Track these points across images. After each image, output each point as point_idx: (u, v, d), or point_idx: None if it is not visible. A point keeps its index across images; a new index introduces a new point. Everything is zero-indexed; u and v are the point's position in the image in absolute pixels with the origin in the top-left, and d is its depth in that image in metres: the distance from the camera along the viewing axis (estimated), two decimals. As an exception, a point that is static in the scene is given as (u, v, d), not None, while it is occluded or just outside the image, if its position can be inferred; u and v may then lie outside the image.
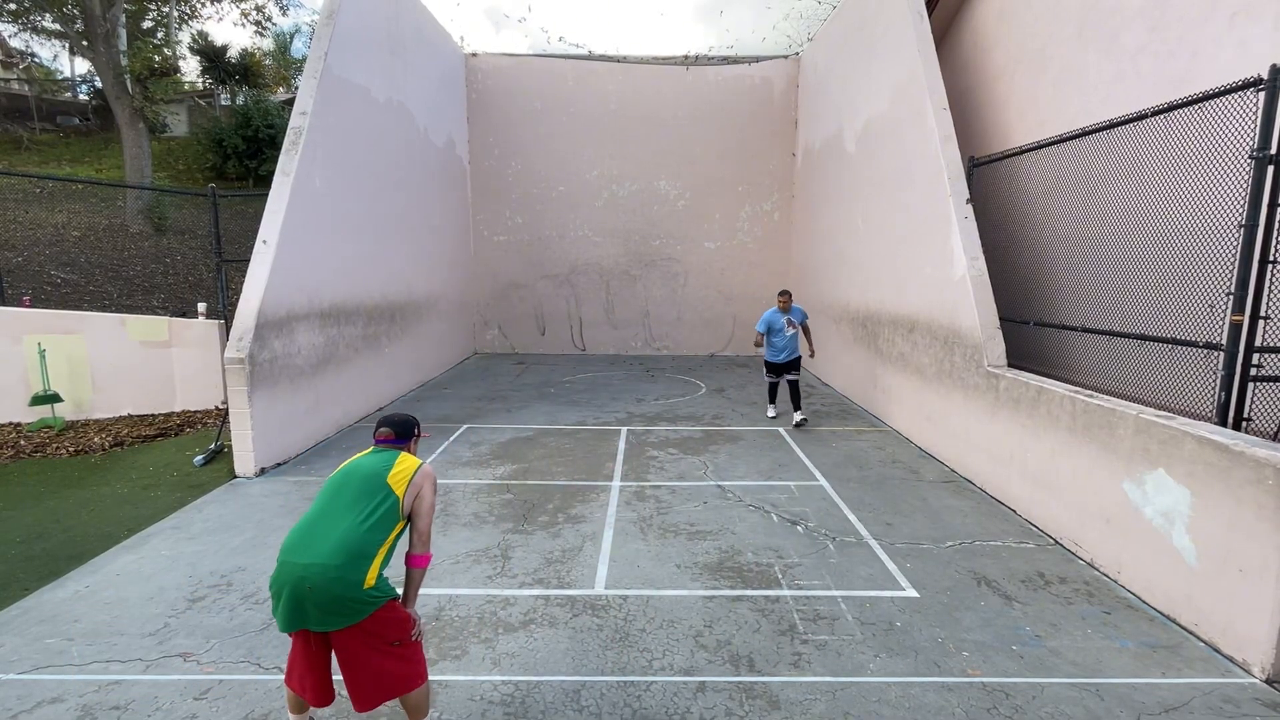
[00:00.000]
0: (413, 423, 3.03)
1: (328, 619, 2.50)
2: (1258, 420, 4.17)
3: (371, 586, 2.56)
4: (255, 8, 20.00)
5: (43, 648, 3.61)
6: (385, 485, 2.69)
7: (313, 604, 2.48)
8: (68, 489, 6.20)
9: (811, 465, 6.87)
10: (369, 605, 2.55)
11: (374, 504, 2.64)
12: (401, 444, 2.95)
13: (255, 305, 6.55)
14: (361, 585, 2.52)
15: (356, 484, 2.70)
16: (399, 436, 2.95)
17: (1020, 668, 3.48)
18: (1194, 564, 3.80)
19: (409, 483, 2.73)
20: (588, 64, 14.17)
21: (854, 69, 10.38)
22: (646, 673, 3.41)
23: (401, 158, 10.30)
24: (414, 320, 10.86)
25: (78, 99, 23.70)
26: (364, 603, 2.54)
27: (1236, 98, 4.19)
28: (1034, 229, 6.70)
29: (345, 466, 2.82)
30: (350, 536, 2.55)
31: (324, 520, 2.61)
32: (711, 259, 14.76)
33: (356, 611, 2.52)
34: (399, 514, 2.70)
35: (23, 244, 12.74)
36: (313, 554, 2.51)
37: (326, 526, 2.59)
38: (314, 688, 2.67)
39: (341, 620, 2.51)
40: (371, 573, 2.57)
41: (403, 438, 2.97)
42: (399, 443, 2.95)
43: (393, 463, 2.78)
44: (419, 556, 2.80)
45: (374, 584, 2.57)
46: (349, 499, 2.66)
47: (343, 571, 2.49)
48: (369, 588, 2.55)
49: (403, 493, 2.71)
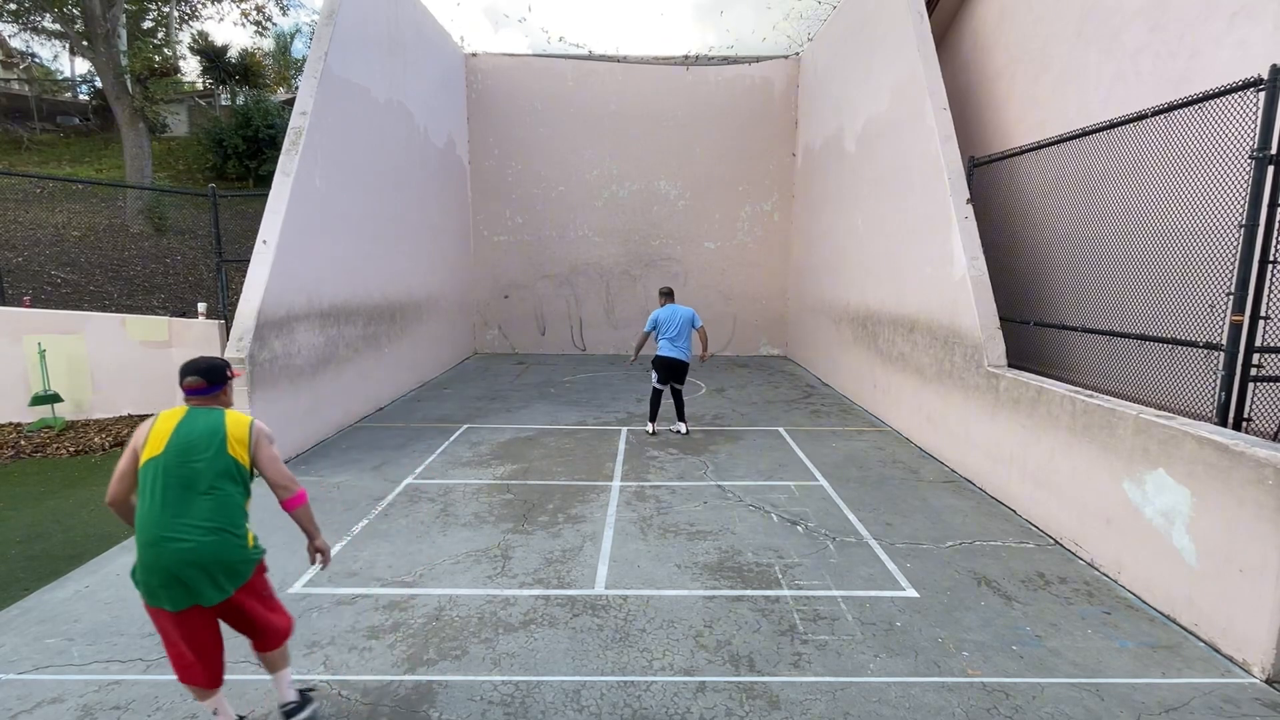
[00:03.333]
0: (222, 365, 2.91)
1: (222, 586, 2.65)
2: (1258, 420, 4.17)
3: (252, 546, 2.79)
4: (255, 8, 20.00)
5: (43, 648, 3.61)
6: (227, 454, 2.71)
7: (205, 576, 2.60)
8: (68, 489, 6.20)
9: (811, 465, 6.87)
10: (251, 564, 2.77)
11: (225, 472, 2.70)
12: (215, 390, 2.87)
13: (255, 305, 6.55)
14: (245, 547, 2.74)
15: (200, 454, 2.67)
16: (211, 384, 2.84)
17: (1020, 668, 3.48)
18: (1194, 564, 3.80)
19: (248, 445, 2.77)
20: (588, 64, 14.17)
21: (854, 69, 10.38)
22: (646, 673, 3.41)
23: (401, 158, 10.30)
24: (414, 320, 10.86)
25: (78, 99, 23.68)
26: (249, 562, 2.76)
27: (1236, 98, 4.19)
28: (1034, 229, 6.70)
29: (173, 436, 2.67)
30: (219, 505, 2.66)
31: (182, 495, 2.62)
32: (711, 259, 14.76)
33: (244, 573, 2.73)
34: (249, 475, 2.80)
35: (23, 244, 12.74)
36: (189, 530, 2.58)
37: (187, 501, 2.62)
38: (211, 665, 2.76)
39: (234, 583, 2.69)
40: (249, 534, 2.78)
41: (215, 384, 2.86)
42: (212, 390, 2.85)
43: (223, 425, 2.74)
44: (291, 500, 2.87)
45: (253, 544, 2.80)
46: (200, 470, 2.65)
47: (224, 537, 2.65)
48: (251, 548, 2.77)
49: (246, 456, 2.77)
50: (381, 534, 5.11)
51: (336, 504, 5.71)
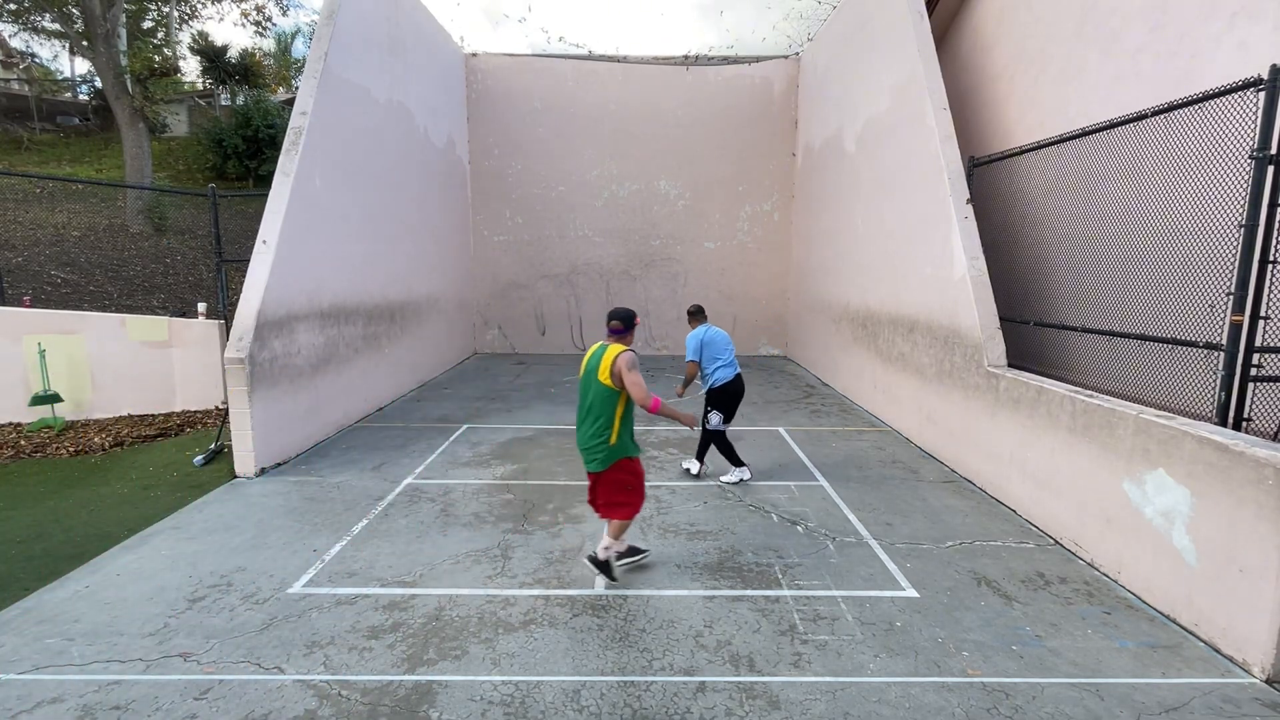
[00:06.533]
0: (631, 314, 4.31)
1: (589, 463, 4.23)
2: (1258, 420, 4.17)
3: (614, 444, 4.09)
4: (255, 8, 20.01)
5: (43, 648, 3.61)
6: (596, 379, 4.07)
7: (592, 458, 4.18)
8: (68, 489, 6.20)
9: (811, 465, 6.87)
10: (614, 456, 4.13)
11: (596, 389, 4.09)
12: (623, 334, 4.26)
13: (255, 305, 6.55)
14: (608, 443, 4.10)
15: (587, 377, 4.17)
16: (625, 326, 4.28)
17: (1020, 668, 3.48)
18: (1194, 564, 3.80)
19: (610, 370, 4.02)
20: (588, 64, 14.17)
21: (854, 69, 10.38)
22: (646, 673, 3.41)
23: (401, 158, 10.30)
24: (414, 320, 10.86)
25: (78, 99, 23.69)
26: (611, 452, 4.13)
27: (1236, 98, 4.19)
28: (1034, 229, 6.70)
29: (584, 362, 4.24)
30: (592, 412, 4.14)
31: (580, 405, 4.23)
32: (711, 259, 14.76)
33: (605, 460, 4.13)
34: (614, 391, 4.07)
35: (23, 244, 12.74)
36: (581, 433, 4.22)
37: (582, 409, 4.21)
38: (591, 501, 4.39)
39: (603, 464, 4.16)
40: (612, 433, 4.09)
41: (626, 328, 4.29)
42: (620, 333, 4.26)
43: (601, 356, 4.08)
44: (650, 407, 4.00)
45: (615, 441, 4.09)
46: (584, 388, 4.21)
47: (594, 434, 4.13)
48: (611, 445, 4.10)
49: (608, 378, 4.03)
50: (381, 534, 5.11)
51: (336, 504, 5.71)
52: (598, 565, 4.25)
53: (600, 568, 4.25)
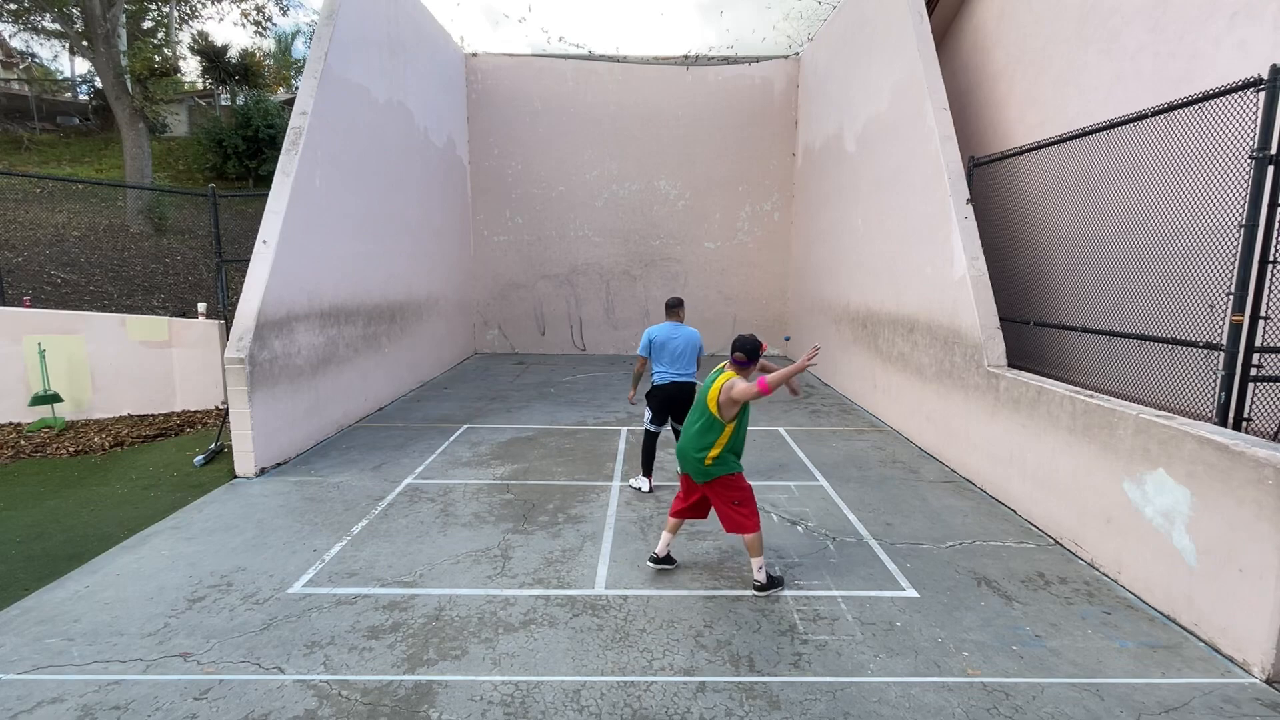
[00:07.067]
0: (756, 344, 4.14)
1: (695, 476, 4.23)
2: (1258, 420, 4.17)
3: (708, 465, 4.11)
4: (255, 8, 20.02)
5: (43, 648, 3.61)
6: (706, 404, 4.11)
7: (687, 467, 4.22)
8: (68, 489, 6.20)
9: (811, 465, 6.87)
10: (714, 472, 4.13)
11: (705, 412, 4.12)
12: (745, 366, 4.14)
13: (255, 305, 6.54)
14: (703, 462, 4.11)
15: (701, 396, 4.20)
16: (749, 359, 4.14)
17: (1020, 668, 3.48)
18: (1194, 564, 3.80)
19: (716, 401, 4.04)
20: (588, 64, 14.17)
21: (854, 69, 10.38)
22: (646, 673, 3.41)
23: (401, 158, 10.30)
24: (414, 320, 10.86)
25: (78, 99, 23.68)
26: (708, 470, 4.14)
27: (1236, 98, 4.19)
28: (1034, 229, 6.70)
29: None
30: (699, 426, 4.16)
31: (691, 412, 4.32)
32: (711, 259, 14.76)
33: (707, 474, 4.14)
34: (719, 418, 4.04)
35: (23, 244, 12.74)
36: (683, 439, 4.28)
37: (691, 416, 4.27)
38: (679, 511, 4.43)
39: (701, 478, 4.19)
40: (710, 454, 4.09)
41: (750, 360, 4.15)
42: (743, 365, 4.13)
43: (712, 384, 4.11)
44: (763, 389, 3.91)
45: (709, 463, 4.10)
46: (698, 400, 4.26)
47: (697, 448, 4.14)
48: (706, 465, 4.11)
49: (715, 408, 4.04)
50: (381, 534, 5.11)
51: (336, 504, 5.71)
52: (761, 589, 4.23)
53: (762, 589, 4.23)
